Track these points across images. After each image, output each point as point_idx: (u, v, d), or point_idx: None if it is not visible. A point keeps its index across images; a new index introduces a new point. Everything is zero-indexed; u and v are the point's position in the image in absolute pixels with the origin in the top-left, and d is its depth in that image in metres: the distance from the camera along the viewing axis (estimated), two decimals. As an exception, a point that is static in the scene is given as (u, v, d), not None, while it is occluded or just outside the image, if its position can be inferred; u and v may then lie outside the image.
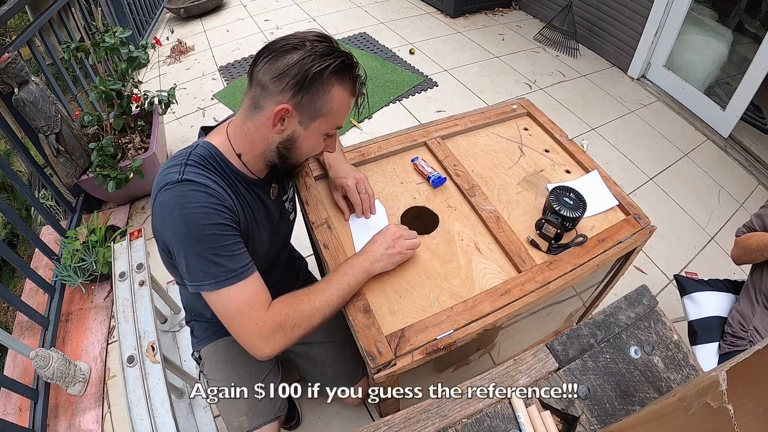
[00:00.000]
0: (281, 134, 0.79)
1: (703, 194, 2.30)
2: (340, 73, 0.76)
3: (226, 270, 0.75)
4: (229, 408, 1.08)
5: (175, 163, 0.78)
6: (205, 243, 0.74)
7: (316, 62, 0.73)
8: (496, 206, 1.06)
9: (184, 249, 0.74)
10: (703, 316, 1.35)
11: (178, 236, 0.74)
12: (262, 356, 0.79)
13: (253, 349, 0.79)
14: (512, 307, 0.87)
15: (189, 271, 0.76)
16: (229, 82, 3.03)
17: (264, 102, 0.77)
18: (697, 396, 0.37)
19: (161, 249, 0.84)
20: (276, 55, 0.75)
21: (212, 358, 1.12)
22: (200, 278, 0.75)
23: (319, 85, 0.75)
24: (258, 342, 0.78)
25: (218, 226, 0.75)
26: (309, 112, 0.77)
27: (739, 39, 2.74)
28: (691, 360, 0.66)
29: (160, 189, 0.76)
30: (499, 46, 3.41)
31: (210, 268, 0.75)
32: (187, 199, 0.74)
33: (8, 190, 3.30)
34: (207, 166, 0.80)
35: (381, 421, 0.61)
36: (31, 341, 1.62)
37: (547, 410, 0.61)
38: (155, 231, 0.80)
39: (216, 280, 0.75)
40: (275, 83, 0.74)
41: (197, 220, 0.74)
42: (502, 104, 1.40)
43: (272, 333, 0.78)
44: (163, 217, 0.75)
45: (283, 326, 0.79)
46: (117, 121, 1.95)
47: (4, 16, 1.74)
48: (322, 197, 1.09)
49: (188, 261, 0.75)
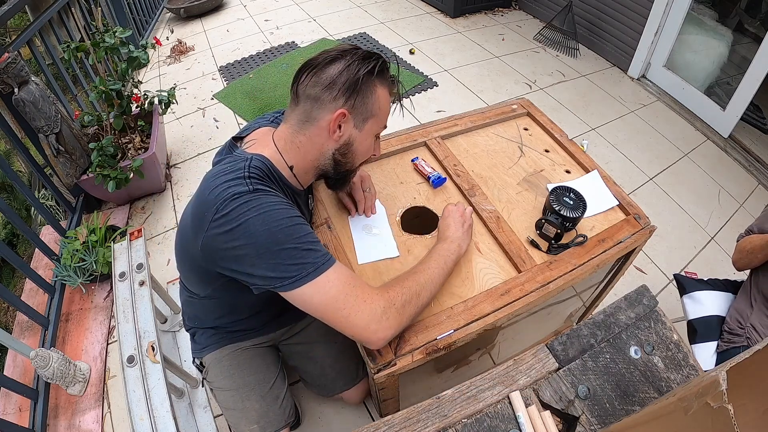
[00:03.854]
0: (338, 141, 0.82)
1: (703, 194, 2.30)
2: (381, 74, 0.82)
3: (321, 254, 0.73)
4: (238, 417, 1.08)
5: (234, 176, 0.74)
6: (293, 234, 0.72)
7: (361, 65, 0.78)
8: (496, 206, 1.06)
9: (268, 250, 0.70)
10: (703, 315, 1.35)
11: (260, 237, 0.70)
12: (378, 340, 0.74)
13: (367, 332, 0.73)
14: (512, 307, 0.87)
15: (278, 270, 0.71)
16: (229, 82, 3.03)
17: (318, 113, 0.80)
18: (697, 396, 0.37)
19: (197, 262, 0.80)
20: (321, 68, 0.79)
21: (218, 365, 1.11)
22: (294, 271, 0.70)
23: (367, 86, 0.80)
24: (372, 324, 0.73)
25: (299, 218, 0.75)
26: (362, 113, 0.81)
27: (739, 39, 2.74)
28: (691, 360, 0.66)
29: (224, 201, 0.71)
30: (499, 46, 3.41)
31: (305, 257, 0.71)
32: (261, 200, 0.72)
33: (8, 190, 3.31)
34: (265, 179, 0.78)
35: (381, 421, 0.61)
36: (31, 341, 1.62)
37: (547, 410, 0.61)
38: (209, 245, 0.73)
39: (314, 268, 0.71)
40: (327, 92, 0.78)
41: (279, 214, 0.72)
42: (502, 104, 1.40)
43: (384, 312, 0.74)
44: (234, 226, 0.70)
45: (394, 302, 0.75)
46: (117, 121, 1.95)
47: (4, 16, 1.74)
48: (322, 197, 1.09)
49: (276, 260, 0.70)
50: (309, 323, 1.20)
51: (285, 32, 3.64)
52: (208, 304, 1.02)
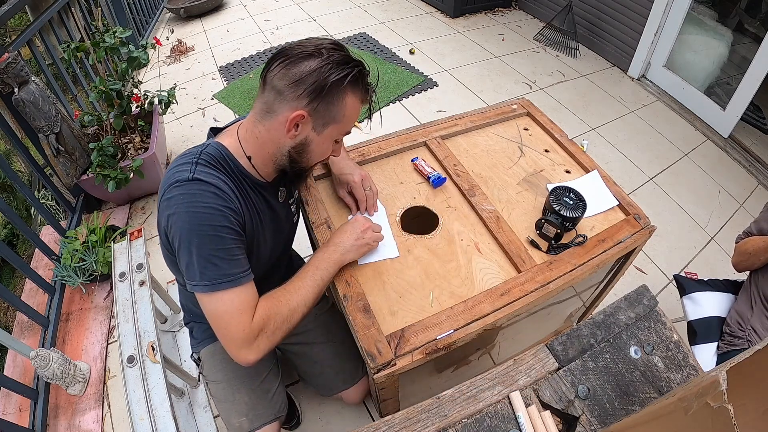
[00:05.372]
0: (294, 139, 0.80)
1: (703, 194, 2.30)
2: (355, 82, 0.77)
3: (222, 273, 0.75)
4: (229, 409, 1.08)
5: (185, 161, 0.78)
6: (207, 243, 0.74)
7: (334, 71, 0.74)
8: (496, 206, 1.06)
9: (186, 247, 0.74)
10: (703, 316, 1.35)
11: (182, 234, 0.74)
12: (246, 363, 0.80)
13: (237, 356, 0.79)
14: (512, 307, 0.87)
15: (188, 269, 0.76)
16: (229, 82, 3.03)
17: (278, 107, 0.77)
18: (697, 396, 0.37)
19: (164, 245, 0.84)
20: (293, 61, 0.75)
21: (212, 359, 1.12)
22: (197, 278, 0.75)
23: (336, 93, 0.76)
24: (243, 350, 0.78)
25: (222, 229, 0.75)
26: (323, 118, 0.79)
27: (739, 39, 2.74)
28: (691, 360, 0.66)
29: (169, 186, 0.76)
30: (499, 46, 3.41)
31: (208, 269, 0.74)
32: (195, 198, 0.74)
33: (8, 190, 3.30)
34: (217, 166, 0.80)
35: (381, 421, 0.61)
36: (31, 341, 1.62)
37: (547, 410, 0.61)
38: (160, 227, 0.80)
39: (212, 283, 0.75)
40: (292, 89, 0.75)
41: (202, 219, 0.74)
42: (502, 104, 1.40)
43: (257, 339, 0.79)
44: (170, 213, 0.75)
45: (265, 330, 0.79)
46: (117, 121, 1.95)
47: (4, 16, 1.74)
48: (322, 197, 1.09)
49: (189, 259, 0.75)
50: (309, 325, 1.20)
51: (285, 32, 3.64)
52: None
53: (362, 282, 0.92)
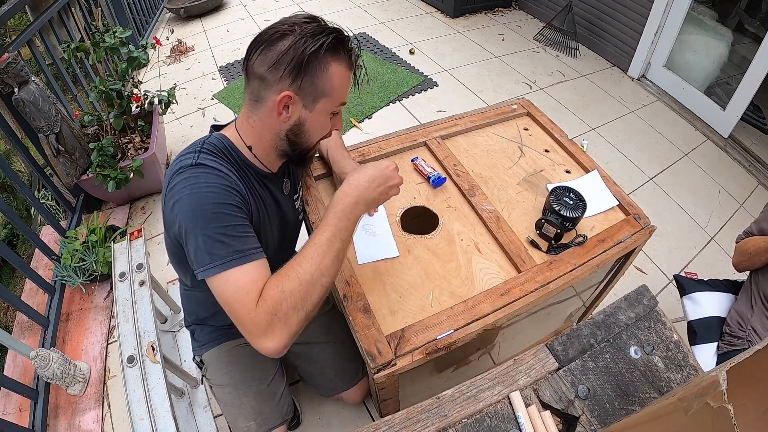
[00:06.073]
0: (288, 121, 0.79)
1: (703, 194, 2.30)
2: (334, 49, 0.75)
3: (233, 250, 0.70)
4: (235, 413, 1.07)
5: (189, 151, 0.78)
6: (213, 222, 0.71)
7: (308, 43, 0.72)
8: (496, 206, 1.06)
9: (192, 231, 0.70)
10: (703, 316, 1.35)
11: (187, 219, 0.71)
12: (267, 353, 0.69)
13: (257, 344, 0.69)
14: (512, 307, 0.87)
15: (196, 254, 0.71)
16: (229, 82, 3.03)
17: (265, 93, 0.76)
18: (697, 396, 0.37)
19: (170, 240, 0.81)
20: (268, 45, 0.74)
21: (216, 362, 1.11)
22: (206, 261, 0.70)
23: (317, 65, 0.73)
24: (259, 338, 0.68)
25: (227, 206, 0.73)
26: (311, 94, 0.76)
27: (739, 39, 2.74)
28: (691, 360, 0.66)
29: (173, 174, 0.75)
30: (499, 46, 3.41)
31: (216, 248, 0.70)
32: (198, 180, 0.73)
33: (8, 190, 3.30)
34: (220, 155, 0.79)
35: (381, 421, 0.61)
36: (31, 341, 1.62)
37: (547, 410, 0.61)
38: (166, 221, 0.77)
39: (221, 261, 0.69)
40: (272, 73, 0.73)
41: (206, 198, 0.72)
42: (502, 104, 1.40)
43: (268, 325, 0.68)
44: (174, 201, 0.72)
45: (277, 312, 0.68)
46: (117, 121, 1.95)
47: (4, 16, 1.74)
48: (323, 197, 1.09)
49: (196, 243, 0.70)
50: (309, 325, 1.20)
51: (285, 32, 3.64)
52: (200, 295, 1.02)
53: (362, 282, 0.92)
